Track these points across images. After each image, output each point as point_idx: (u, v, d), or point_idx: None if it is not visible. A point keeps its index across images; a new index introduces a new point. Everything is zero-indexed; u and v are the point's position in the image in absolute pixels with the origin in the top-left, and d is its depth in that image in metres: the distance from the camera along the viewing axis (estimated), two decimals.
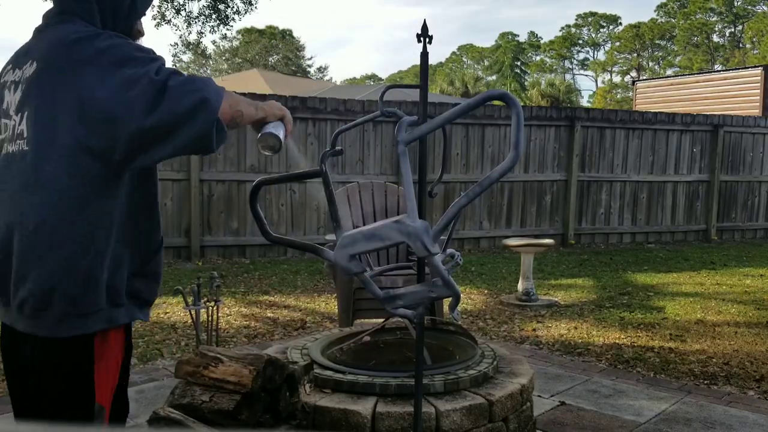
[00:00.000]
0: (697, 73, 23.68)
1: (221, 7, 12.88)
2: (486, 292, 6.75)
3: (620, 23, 62.13)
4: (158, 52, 1.68)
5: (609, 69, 60.71)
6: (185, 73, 1.59)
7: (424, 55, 2.42)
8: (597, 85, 62.61)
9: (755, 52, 47.49)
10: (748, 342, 4.97)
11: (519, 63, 60.28)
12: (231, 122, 1.61)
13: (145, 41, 1.88)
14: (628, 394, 3.80)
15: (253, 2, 13.07)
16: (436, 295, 2.14)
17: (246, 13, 13.35)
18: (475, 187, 1.88)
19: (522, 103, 14.31)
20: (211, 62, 47.29)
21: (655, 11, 65.53)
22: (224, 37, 35.47)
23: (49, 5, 1.76)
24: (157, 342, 4.69)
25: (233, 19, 13.13)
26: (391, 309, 2.07)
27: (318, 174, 2.07)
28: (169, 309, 5.67)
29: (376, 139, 9.12)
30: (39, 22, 1.73)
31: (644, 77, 48.58)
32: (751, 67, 17.72)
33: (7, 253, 1.59)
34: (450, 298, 2.14)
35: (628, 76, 55.88)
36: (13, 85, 1.66)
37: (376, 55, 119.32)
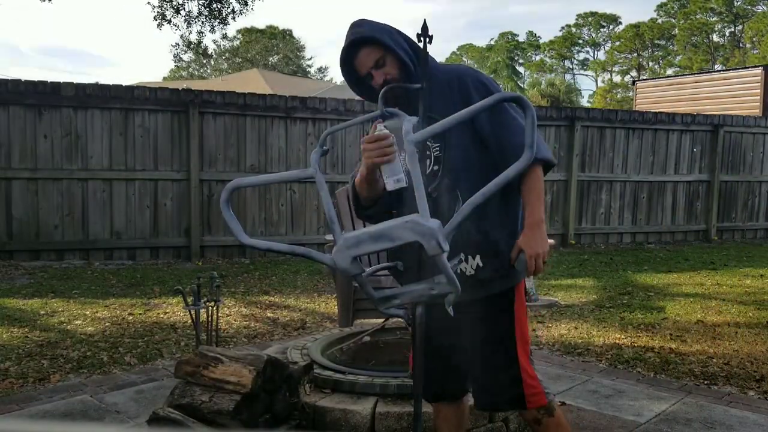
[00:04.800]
0: (697, 73, 23.67)
1: (217, 6, 12.89)
2: None
3: (620, 23, 62.14)
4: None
5: (609, 69, 60.70)
6: None
7: (424, 54, 2.42)
8: (597, 85, 62.61)
9: (755, 52, 47.46)
10: (749, 342, 4.96)
11: (514, 63, 60.17)
12: None
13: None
14: (628, 394, 3.80)
15: (249, 2, 13.08)
16: (437, 292, 2.14)
17: (242, 13, 13.37)
18: (490, 185, 1.88)
19: None
20: (211, 62, 47.30)
21: (655, 11, 65.57)
22: (224, 36, 35.53)
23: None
24: (156, 342, 4.68)
25: (227, 20, 13.15)
26: (383, 309, 2.06)
27: (303, 176, 2.06)
28: (169, 309, 5.66)
29: None
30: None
31: (644, 77, 48.55)
32: (751, 67, 17.71)
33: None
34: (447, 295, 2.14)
35: (628, 76, 55.87)
36: None
37: None
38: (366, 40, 2.16)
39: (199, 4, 12.95)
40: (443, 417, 2.42)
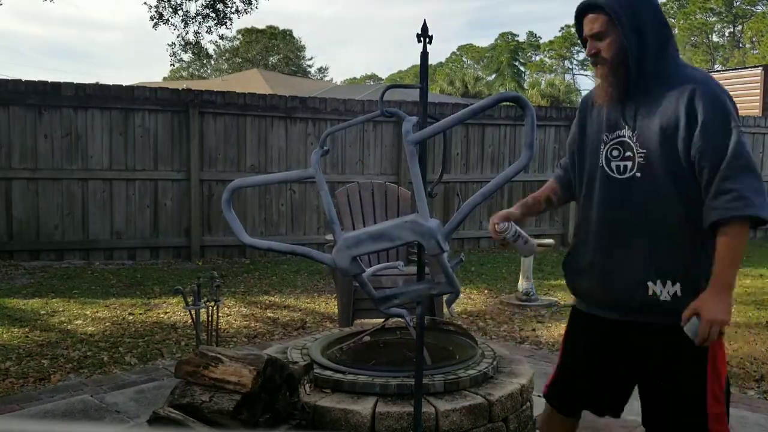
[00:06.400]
0: None
1: (220, 6, 12.88)
2: (486, 292, 6.75)
3: None
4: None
5: None
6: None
7: (424, 55, 2.42)
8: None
9: (755, 52, 47.44)
10: (748, 342, 4.96)
11: (516, 63, 60.09)
12: None
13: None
14: None
15: (253, 1, 13.08)
16: (437, 292, 2.15)
17: (246, 12, 13.34)
18: (490, 185, 1.89)
19: None
20: (212, 62, 47.30)
21: None
22: (221, 37, 35.34)
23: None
24: (157, 342, 4.69)
25: (231, 19, 13.14)
26: (383, 309, 2.07)
27: (304, 176, 2.06)
28: (169, 309, 5.67)
29: (376, 140, 9.12)
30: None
31: None
32: (751, 67, 17.69)
33: None
34: (447, 295, 2.15)
35: None
36: None
37: (376, 55, 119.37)
38: (592, 7, 1.96)
39: (200, 4, 12.94)
40: (559, 428, 2.34)
